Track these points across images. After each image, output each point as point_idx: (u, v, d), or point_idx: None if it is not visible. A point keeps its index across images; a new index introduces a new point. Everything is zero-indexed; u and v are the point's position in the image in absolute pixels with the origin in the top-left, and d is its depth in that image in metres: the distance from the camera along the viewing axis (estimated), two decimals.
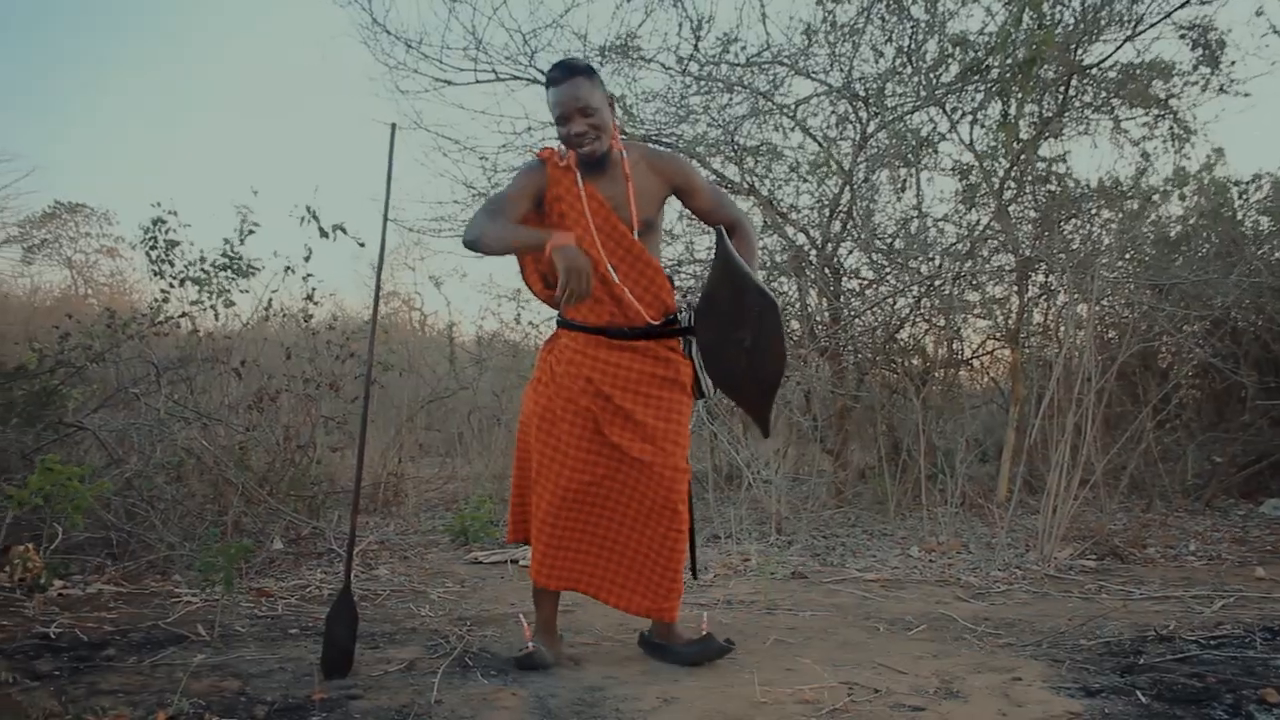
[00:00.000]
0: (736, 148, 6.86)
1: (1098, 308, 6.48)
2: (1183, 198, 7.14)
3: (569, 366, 3.15)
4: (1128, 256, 6.82)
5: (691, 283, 7.01)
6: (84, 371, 5.18)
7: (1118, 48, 6.56)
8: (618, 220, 3.11)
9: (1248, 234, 7.18)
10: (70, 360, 5.09)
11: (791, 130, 7.00)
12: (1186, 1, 6.38)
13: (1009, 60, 6.20)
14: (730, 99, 6.96)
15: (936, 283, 6.74)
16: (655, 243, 3.26)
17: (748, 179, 6.96)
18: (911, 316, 7.10)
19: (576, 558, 3.17)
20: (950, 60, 6.68)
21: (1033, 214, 7.11)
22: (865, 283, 7.25)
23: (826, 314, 6.99)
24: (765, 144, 6.96)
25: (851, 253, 7.27)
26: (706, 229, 6.21)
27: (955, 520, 5.84)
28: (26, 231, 17.54)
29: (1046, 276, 7.08)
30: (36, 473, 4.03)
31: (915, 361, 7.34)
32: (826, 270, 6.94)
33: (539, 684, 2.95)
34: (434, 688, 2.84)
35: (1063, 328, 7.07)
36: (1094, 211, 7.04)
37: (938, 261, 6.83)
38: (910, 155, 6.86)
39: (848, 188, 6.82)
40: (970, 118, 6.87)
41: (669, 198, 3.27)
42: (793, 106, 6.91)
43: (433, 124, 11.36)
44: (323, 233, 5.47)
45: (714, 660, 3.18)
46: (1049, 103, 6.83)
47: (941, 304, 6.91)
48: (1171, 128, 6.83)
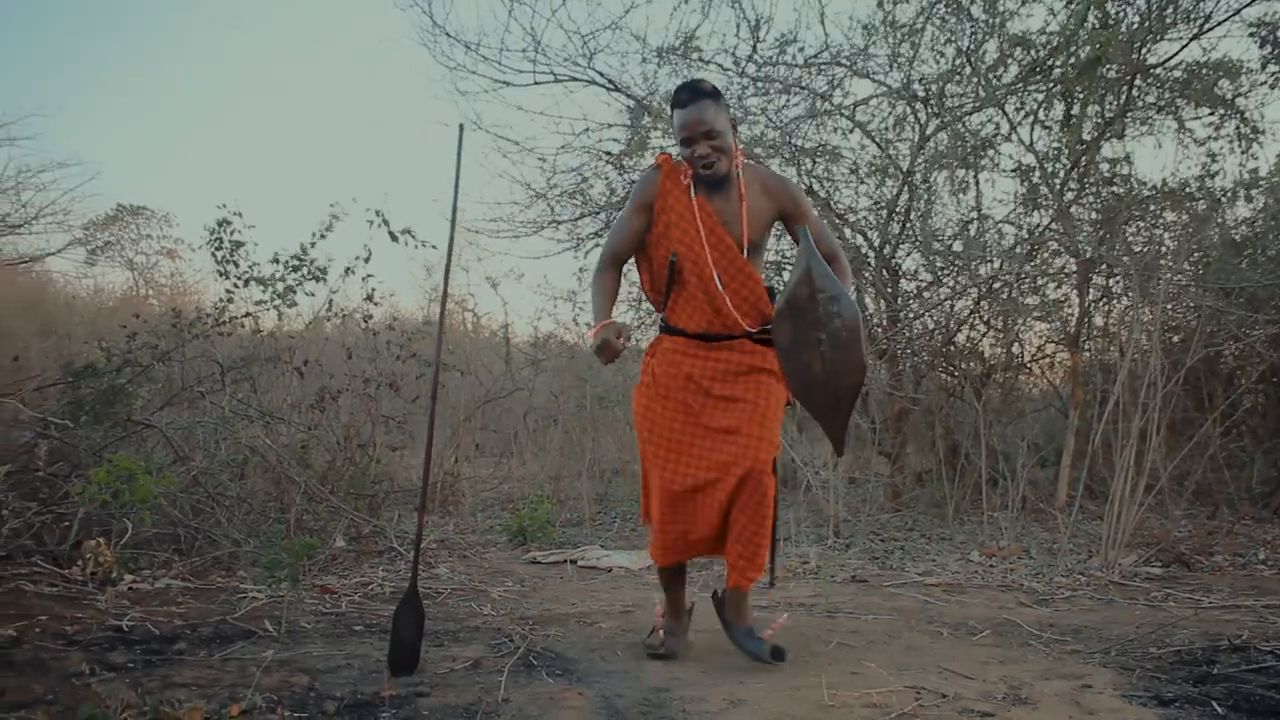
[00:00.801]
0: (794, 149, 6.83)
1: (1162, 311, 6.37)
2: (1250, 199, 6.99)
3: (669, 366, 3.29)
4: (1194, 259, 6.69)
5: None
6: (150, 370, 5.27)
7: (1183, 46, 6.45)
8: (725, 234, 3.21)
9: None
10: (137, 359, 5.17)
11: (850, 132, 6.95)
12: None
13: (1071, 60, 6.12)
14: (788, 100, 6.93)
15: (995, 285, 6.66)
16: (760, 263, 3.35)
17: (805, 180, 6.93)
18: (970, 319, 7.03)
19: (685, 536, 3.26)
20: (1010, 60, 6.61)
21: (1094, 216, 7.01)
22: (923, 285, 7.19)
23: (884, 316, 6.94)
24: (823, 145, 6.92)
25: (910, 255, 7.21)
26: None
27: (1015, 525, 5.77)
28: (90, 234, 17.89)
29: (1107, 279, 6.98)
30: (103, 468, 4.11)
31: (973, 364, 7.27)
32: (884, 272, 6.89)
33: (605, 684, 2.95)
34: (501, 686, 2.86)
35: (1124, 332, 6.96)
36: (1158, 213, 6.92)
37: (997, 264, 6.75)
38: (970, 157, 6.79)
39: (906, 189, 6.77)
40: (1031, 118, 6.79)
41: (776, 221, 3.36)
42: (851, 108, 6.86)
43: (491, 125, 11.40)
44: (393, 237, 5.56)
45: (763, 663, 3.19)
46: (1111, 103, 6.73)
47: (1000, 307, 6.84)
48: (1238, 128, 6.69)
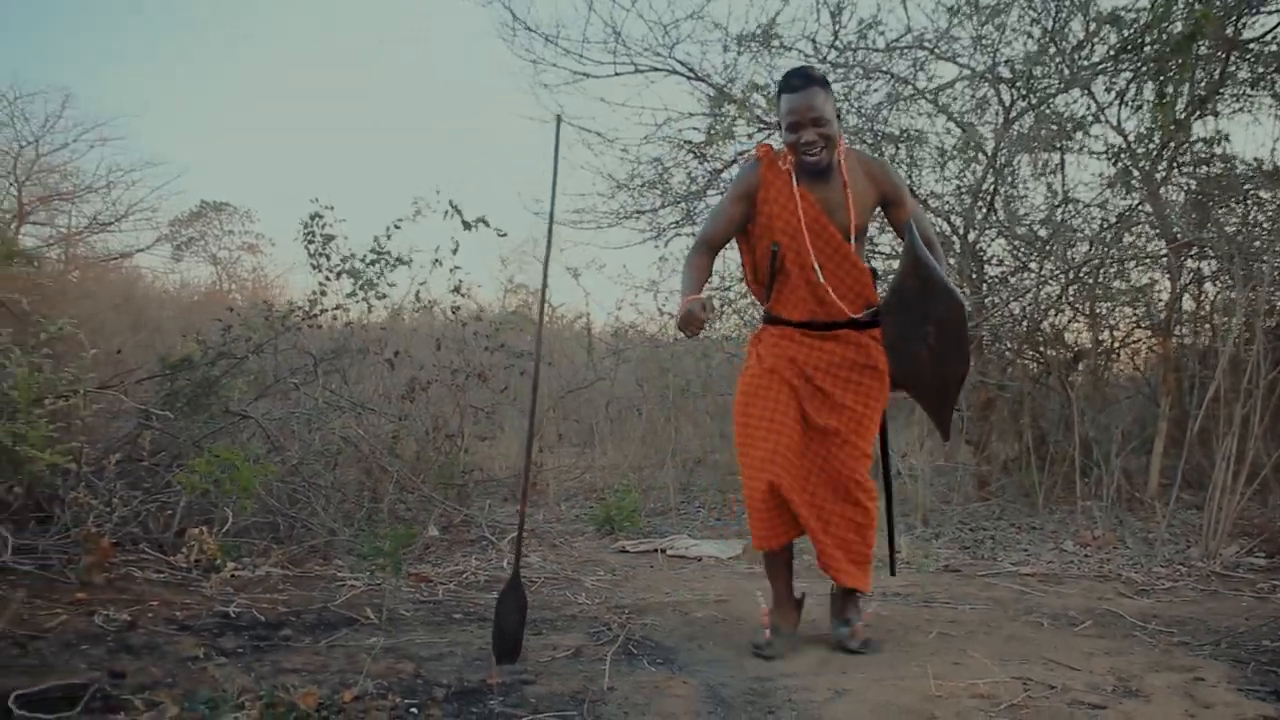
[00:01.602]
0: (876, 134, 6.76)
1: (1262, 295, 6.19)
2: None
3: (774, 349, 3.29)
4: None
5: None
6: (244, 363, 5.37)
7: None
8: (828, 222, 3.19)
9: None
10: (231, 352, 5.28)
11: (934, 116, 6.86)
12: None
13: (1164, 37, 5.97)
14: (870, 85, 6.85)
15: (1084, 270, 6.54)
16: (864, 248, 3.36)
17: (888, 160, 6.85)
18: (1057, 305, 6.90)
19: (786, 516, 3.21)
20: (1097, 39, 6.47)
21: (1185, 197, 6.84)
22: (1008, 270, 7.08)
23: (970, 303, 6.84)
24: (906, 130, 6.83)
25: (994, 240, 7.09)
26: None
27: (1109, 514, 5.67)
28: (175, 230, 18.31)
29: (1199, 262, 6.81)
30: (205, 458, 4.21)
31: (1061, 351, 7.14)
32: (969, 258, 6.79)
33: (707, 673, 2.96)
34: (604, 675, 2.87)
35: (1220, 317, 6.79)
36: (1254, 193, 6.72)
37: (1086, 247, 6.62)
38: (1056, 139, 6.66)
39: (990, 173, 6.67)
40: (1119, 98, 6.64)
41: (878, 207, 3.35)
42: (934, 91, 6.77)
43: (573, 117, 11.45)
44: (466, 225, 5.60)
45: (854, 652, 3.21)
46: (1203, 80, 6.55)
47: (1088, 292, 6.71)
48: None
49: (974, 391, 6.78)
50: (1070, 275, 6.58)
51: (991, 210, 6.82)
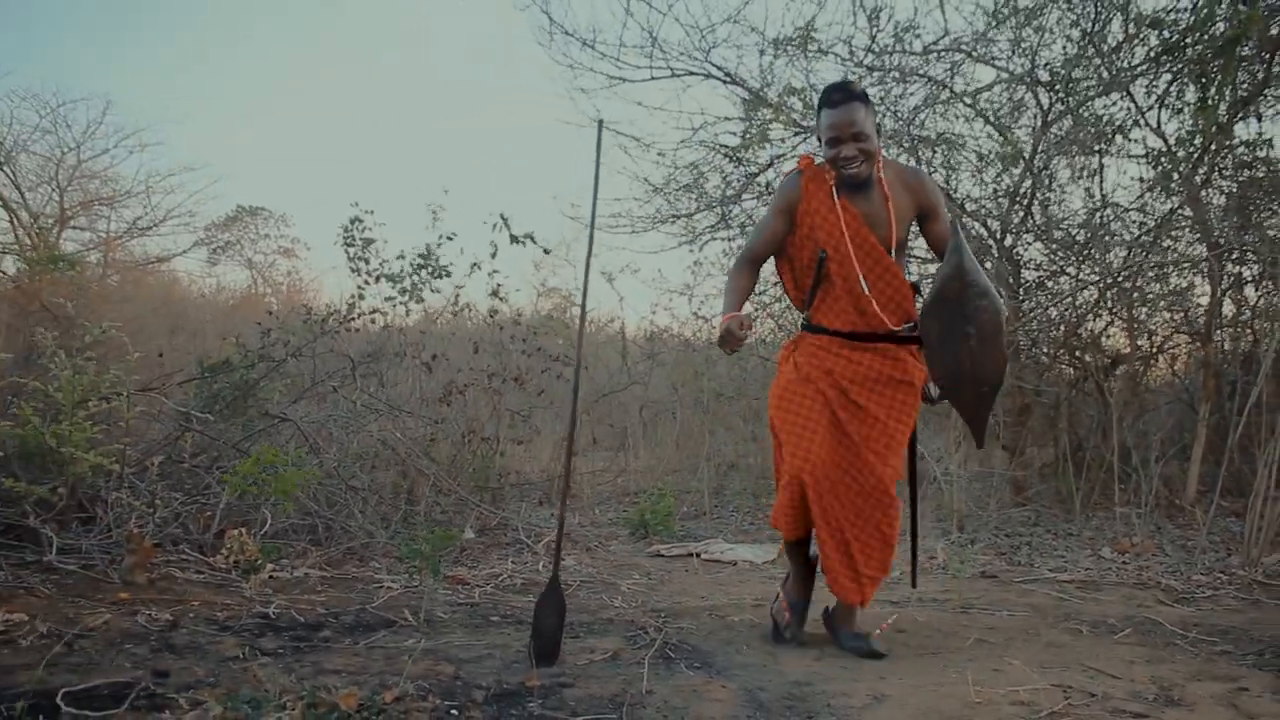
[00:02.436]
0: (913, 138, 6.73)
1: None
2: None
3: (811, 359, 3.30)
4: None
5: None
6: (281, 366, 5.42)
7: None
8: (869, 234, 3.21)
9: None
10: (270, 355, 5.33)
11: (972, 120, 6.83)
12: None
13: (1206, 39, 5.91)
14: (906, 89, 6.83)
15: (1122, 275, 6.48)
16: (905, 260, 3.40)
17: (925, 170, 6.82)
18: (1095, 309, 6.85)
19: (802, 517, 3.26)
20: (1137, 41, 6.41)
21: (1227, 201, 6.76)
22: (1045, 274, 7.03)
23: (1007, 307, 6.80)
24: (944, 134, 6.80)
25: (1032, 244, 7.05)
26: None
27: (1147, 521, 5.62)
28: (212, 234, 18.47)
29: (1239, 267, 6.74)
30: (249, 460, 4.25)
31: (1099, 356, 7.08)
32: (1006, 262, 6.75)
33: (745, 677, 2.96)
34: (643, 678, 2.88)
35: (1259, 321, 6.72)
36: None
37: (1124, 252, 6.56)
38: (1094, 142, 6.61)
39: (1028, 176, 6.62)
40: (1159, 101, 6.58)
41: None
42: (972, 95, 6.73)
43: (610, 121, 11.49)
44: (514, 239, 5.63)
45: (869, 656, 3.21)
46: (1244, 82, 6.48)
47: (1126, 297, 6.65)
48: None
49: (1010, 396, 6.74)
50: (1108, 280, 6.52)
51: (1029, 214, 6.78)
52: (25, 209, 13.22)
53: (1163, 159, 6.57)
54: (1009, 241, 6.79)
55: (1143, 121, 6.63)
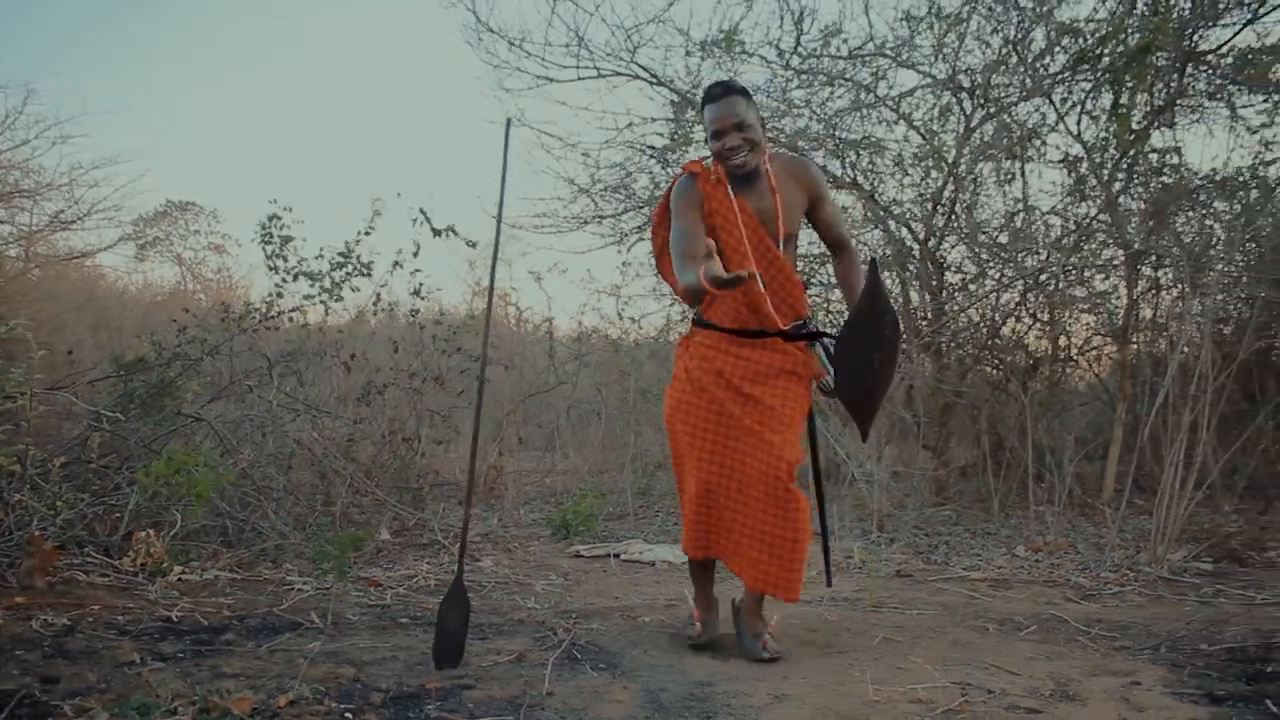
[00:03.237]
0: (839, 141, 6.79)
1: (1213, 303, 6.26)
2: None
3: (702, 362, 3.32)
4: (1245, 249, 6.57)
5: None
6: (198, 365, 5.33)
7: (1236, 32, 6.32)
8: (763, 230, 3.24)
9: None
10: (186, 353, 5.24)
11: (895, 123, 6.90)
12: None
13: (1120, 48, 6.03)
14: (832, 92, 6.88)
15: (1042, 277, 6.59)
16: (793, 253, 3.38)
17: (850, 173, 6.89)
18: (1016, 311, 6.96)
19: (716, 531, 3.31)
20: (1058, 49, 6.52)
21: (1142, 206, 6.90)
22: (968, 277, 7.13)
23: (929, 309, 6.88)
24: (868, 137, 6.87)
25: (955, 247, 7.14)
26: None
27: (1061, 520, 5.71)
28: (140, 229, 18.10)
29: (1156, 271, 6.88)
30: (161, 461, 4.17)
31: (1019, 357, 7.19)
32: (929, 265, 6.83)
33: (649, 678, 2.96)
34: (545, 680, 2.87)
35: (1174, 324, 6.86)
36: (1208, 203, 6.80)
37: (1044, 255, 6.67)
38: (1016, 147, 6.71)
39: (951, 181, 6.71)
40: (1078, 108, 6.70)
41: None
42: (896, 99, 6.81)
43: (535, 121, 11.45)
44: (435, 232, 5.58)
45: (755, 660, 3.23)
46: (1160, 91, 6.61)
47: (1047, 299, 6.76)
48: None
49: (932, 397, 6.82)
50: (1028, 282, 6.63)
51: (952, 218, 6.87)
52: None
53: (1080, 165, 6.69)
54: (932, 245, 6.87)
55: (1063, 127, 6.74)
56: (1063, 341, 7.35)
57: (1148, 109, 6.59)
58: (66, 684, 2.66)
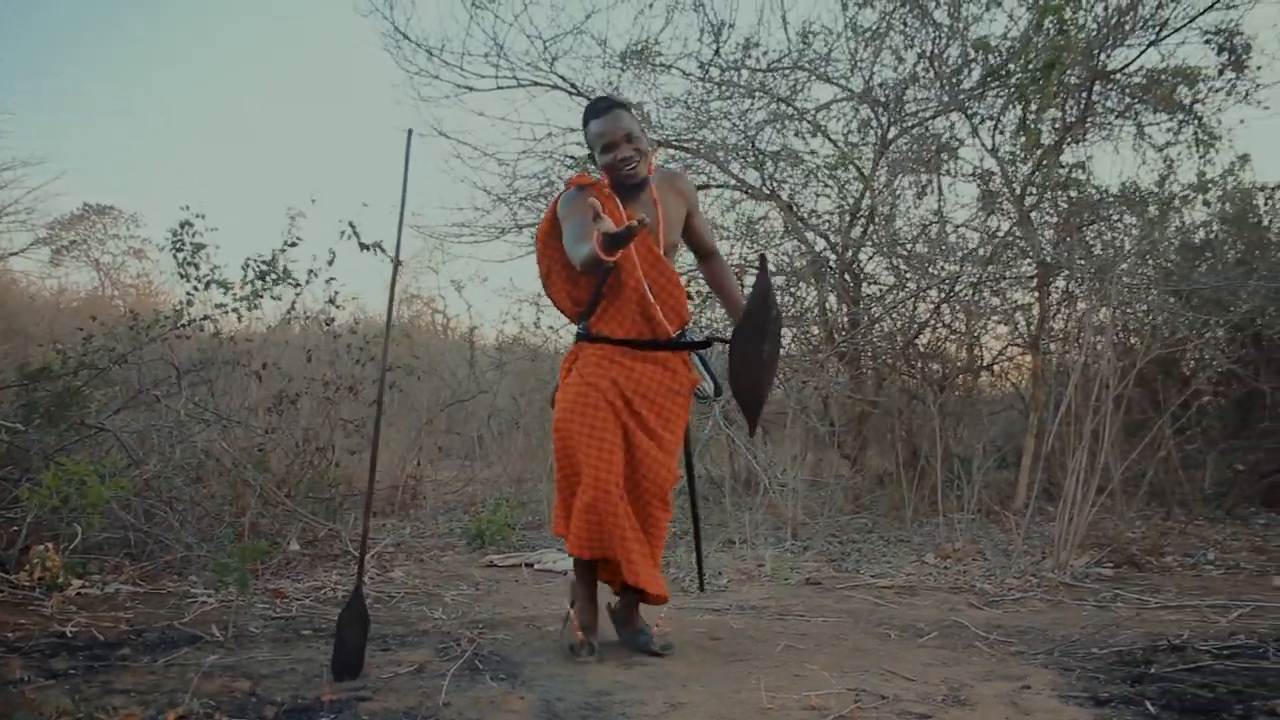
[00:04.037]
0: (757, 153, 6.86)
1: (1119, 314, 6.43)
2: (1206, 204, 7.08)
3: (596, 369, 3.35)
4: (1150, 262, 6.76)
5: None
6: (106, 373, 5.23)
7: (1141, 52, 6.53)
8: (651, 242, 3.32)
9: (1273, 240, 7.12)
10: (93, 362, 5.14)
11: (812, 135, 6.99)
12: (1213, 5, 6.33)
13: (1029, 65, 6.17)
14: (751, 104, 6.96)
15: (956, 287, 6.71)
16: (673, 263, 3.47)
17: (768, 184, 6.96)
18: (931, 322, 7.07)
19: (607, 531, 3.30)
20: (973, 65, 6.66)
21: (1054, 220, 7.06)
22: (885, 288, 7.23)
23: (845, 319, 6.97)
24: (786, 149, 6.95)
25: (872, 258, 7.25)
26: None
27: (972, 527, 5.82)
28: (55, 233, 17.70)
29: (1067, 282, 7.04)
30: (52, 473, 4.08)
31: (935, 367, 7.32)
32: (846, 275, 6.93)
33: (547, 687, 2.96)
34: (442, 690, 2.86)
35: (1083, 334, 7.03)
36: (1115, 218, 6.99)
37: (958, 266, 6.80)
38: (931, 160, 6.84)
39: (868, 193, 6.81)
40: (992, 123, 6.85)
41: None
42: (813, 111, 6.90)
43: (453, 130, 11.41)
44: (363, 247, 5.56)
45: (644, 653, 3.35)
46: (1071, 108, 6.78)
47: (961, 309, 6.89)
48: (1196, 133, 6.76)
49: (848, 406, 6.91)
50: (942, 292, 6.74)
51: (870, 229, 6.97)
52: None
53: (993, 178, 6.83)
54: (849, 256, 6.97)
55: (978, 142, 6.88)
56: (977, 352, 7.50)
57: (1058, 125, 6.75)
58: None
